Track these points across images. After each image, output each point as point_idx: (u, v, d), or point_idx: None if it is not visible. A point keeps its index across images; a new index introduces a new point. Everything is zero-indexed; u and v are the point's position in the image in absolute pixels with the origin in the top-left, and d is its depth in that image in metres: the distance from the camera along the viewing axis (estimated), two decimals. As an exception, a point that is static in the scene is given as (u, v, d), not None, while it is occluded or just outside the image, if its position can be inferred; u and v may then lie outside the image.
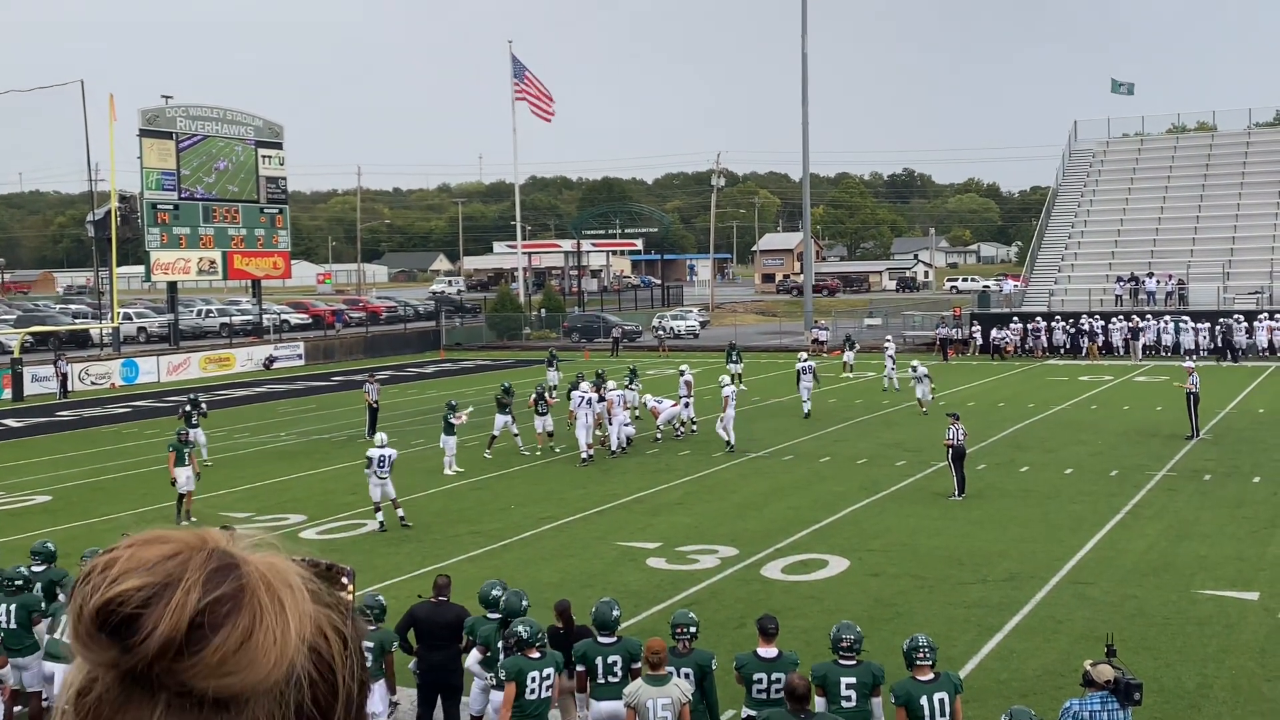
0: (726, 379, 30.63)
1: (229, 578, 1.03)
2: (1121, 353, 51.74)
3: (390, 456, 21.64)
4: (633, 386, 33.62)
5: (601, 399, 29.01)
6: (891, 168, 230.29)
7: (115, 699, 1.01)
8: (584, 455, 27.67)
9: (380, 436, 22.41)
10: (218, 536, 1.08)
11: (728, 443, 28.86)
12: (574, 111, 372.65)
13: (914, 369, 35.96)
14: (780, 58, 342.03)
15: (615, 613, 10.97)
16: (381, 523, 21.52)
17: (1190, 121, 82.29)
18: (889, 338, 46.52)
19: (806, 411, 34.49)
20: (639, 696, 9.83)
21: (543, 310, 72.19)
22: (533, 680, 10.26)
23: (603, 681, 10.48)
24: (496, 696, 11.10)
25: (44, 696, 13.16)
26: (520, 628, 10.45)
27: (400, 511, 21.73)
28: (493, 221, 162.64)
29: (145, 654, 0.98)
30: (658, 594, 16.91)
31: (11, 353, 48.19)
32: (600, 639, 10.79)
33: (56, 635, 12.57)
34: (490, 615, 11.72)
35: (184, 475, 22.80)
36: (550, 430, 29.87)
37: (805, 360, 36.24)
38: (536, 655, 10.37)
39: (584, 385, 29.31)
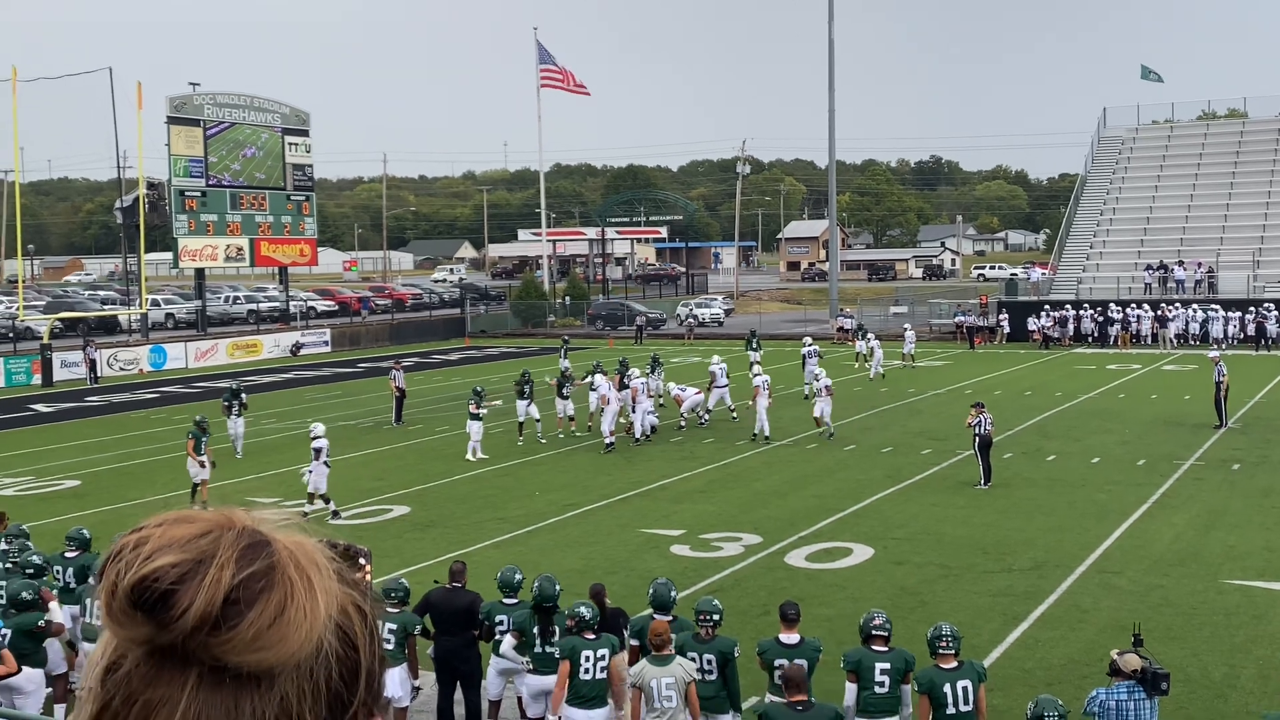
0: (759, 369, 30.55)
1: (261, 554, 1.04)
2: (1149, 341, 51.37)
3: (326, 445, 21.98)
4: (655, 374, 33.76)
5: (625, 387, 29.09)
6: (918, 154, 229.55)
7: (145, 675, 1.01)
8: (607, 442, 27.70)
9: (317, 426, 22.45)
10: (244, 516, 1.09)
11: (765, 435, 28.56)
12: (599, 98, 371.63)
13: (817, 378, 30.04)
14: (806, 44, 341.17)
15: (673, 594, 11.29)
16: (335, 510, 21.61)
17: (1221, 108, 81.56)
18: (906, 327, 47.20)
19: (807, 394, 35.02)
20: (643, 676, 9.95)
21: (567, 298, 72.24)
22: (586, 660, 10.39)
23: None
24: (534, 681, 11.14)
25: (72, 680, 13.29)
26: (583, 609, 10.67)
27: (331, 504, 21.78)
28: (517, 209, 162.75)
29: (182, 629, 0.99)
30: (681, 581, 16.89)
31: (41, 338, 48.59)
32: (656, 618, 10.98)
33: (89, 620, 12.68)
34: (507, 600, 11.78)
35: (197, 465, 22.80)
36: (571, 414, 30.11)
37: (810, 345, 37.26)
38: (592, 636, 10.49)
39: (599, 377, 29.46)
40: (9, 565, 13.53)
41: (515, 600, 11.83)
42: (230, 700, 1.00)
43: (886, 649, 10.04)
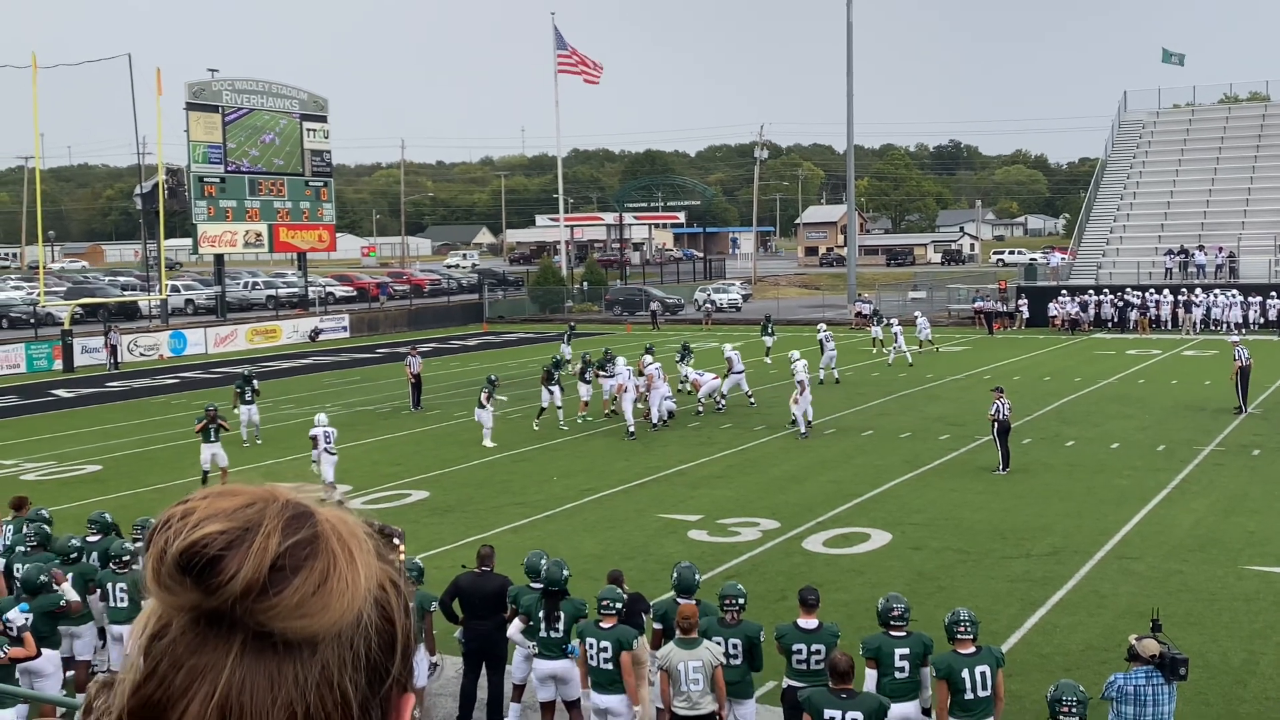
0: (796, 353, 30.24)
1: (305, 524, 1.07)
2: (1169, 326, 51.10)
3: (333, 434, 22.24)
4: (685, 361, 33.95)
5: (641, 373, 29.15)
6: (937, 139, 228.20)
7: (191, 642, 1.04)
8: (630, 430, 27.70)
9: (320, 416, 22.73)
10: (287, 490, 1.12)
11: (808, 422, 27.60)
12: (616, 83, 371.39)
13: (794, 373, 27.56)
14: (825, 28, 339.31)
15: (697, 577, 11.38)
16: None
17: (1243, 91, 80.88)
18: (918, 314, 47.48)
19: (821, 379, 35.06)
20: (670, 659, 9.99)
21: (585, 283, 72.23)
22: (590, 646, 10.46)
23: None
24: (541, 665, 11.22)
25: (92, 665, 13.37)
26: (605, 594, 10.73)
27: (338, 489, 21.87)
28: (535, 194, 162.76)
29: (229, 594, 1.02)
30: (700, 566, 16.80)
31: (62, 324, 48.84)
32: (680, 601, 11.04)
33: (113, 603, 12.75)
34: (534, 585, 11.83)
35: (208, 454, 22.83)
36: (586, 400, 30.26)
37: (824, 331, 37.77)
38: (607, 626, 10.50)
39: (620, 360, 29.52)
40: (27, 549, 13.66)
41: (542, 585, 11.88)
42: (273, 666, 1.03)
43: (905, 634, 10.07)
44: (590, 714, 10.72)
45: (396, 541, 1.21)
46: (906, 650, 9.96)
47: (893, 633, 10.07)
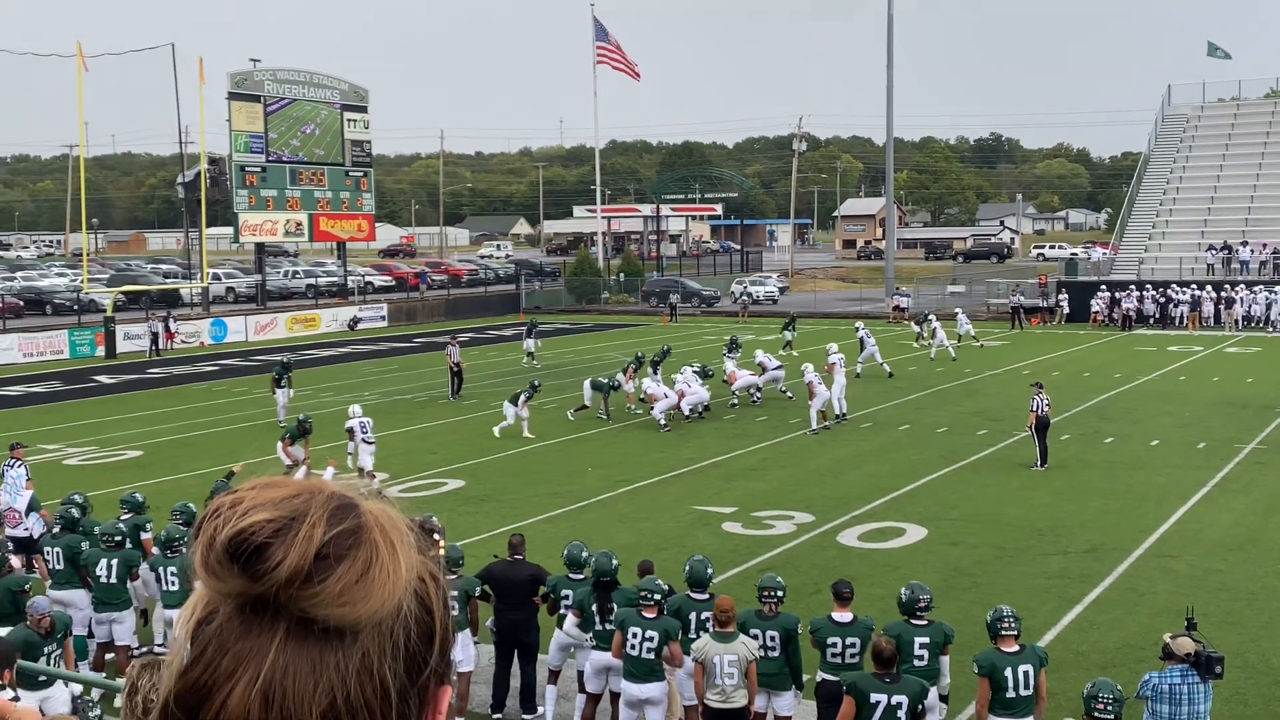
0: (834, 346, 30.28)
1: (350, 515, 1.10)
2: (1213, 323, 50.50)
3: (369, 423, 22.54)
4: (732, 355, 33.95)
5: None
6: (978, 132, 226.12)
7: (236, 628, 1.07)
8: (662, 422, 27.68)
9: (354, 408, 22.92)
10: (332, 482, 1.15)
11: (842, 414, 28.15)
12: (655, 75, 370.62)
13: (803, 372, 27.76)
14: (865, 19, 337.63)
15: (709, 571, 11.30)
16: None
17: (1290, 85, 79.65)
18: (958, 310, 47.04)
19: (859, 374, 35.00)
20: (706, 652, 10.03)
21: (621, 275, 72.21)
22: (633, 635, 10.43)
23: (694, 636, 10.73)
24: (597, 657, 11.21)
25: (133, 649, 13.53)
26: (646, 585, 10.72)
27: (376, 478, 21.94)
28: (573, 185, 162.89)
29: (275, 581, 1.05)
30: (733, 559, 16.96)
31: (105, 311, 49.36)
32: (693, 595, 11.07)
33: (165, 588, 12.89)
34: (573, 576, 11.85)
35: (287, 458, 22.80)
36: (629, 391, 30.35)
37: (862, 328, 38.10)
38: (651, 616, 10.50)
39: (647, 380, 29.56)
40: (54, 533, 14.01)
41: (581, 576, 11.87)
42: (315, 653, 1.06)
43: (926, 623, 10.14)
44: (622, 706, 10.72)
45: (436, 537, 1.24)
46: (926, 639, 10.06)
47: (914, 621, 10.14)
